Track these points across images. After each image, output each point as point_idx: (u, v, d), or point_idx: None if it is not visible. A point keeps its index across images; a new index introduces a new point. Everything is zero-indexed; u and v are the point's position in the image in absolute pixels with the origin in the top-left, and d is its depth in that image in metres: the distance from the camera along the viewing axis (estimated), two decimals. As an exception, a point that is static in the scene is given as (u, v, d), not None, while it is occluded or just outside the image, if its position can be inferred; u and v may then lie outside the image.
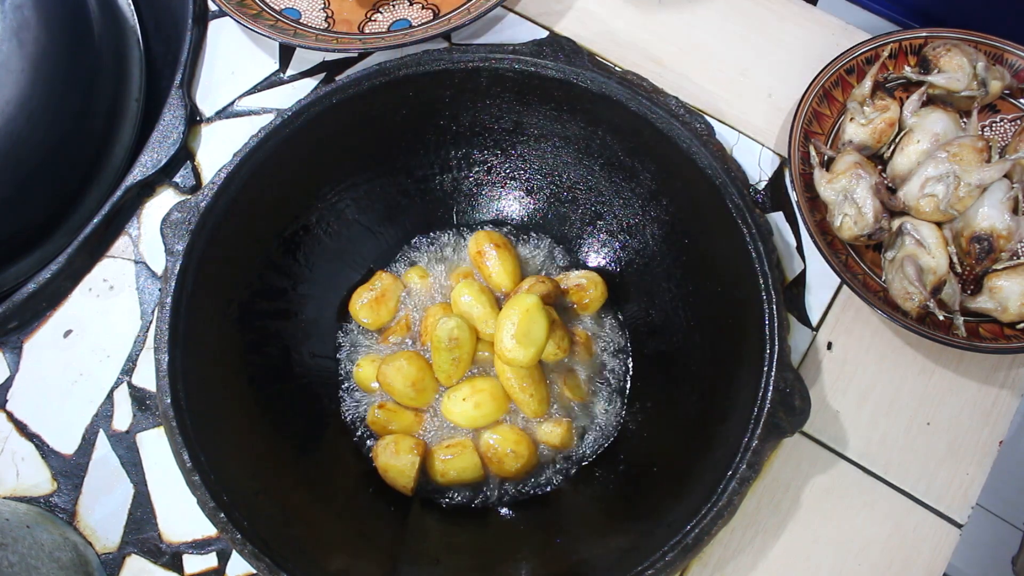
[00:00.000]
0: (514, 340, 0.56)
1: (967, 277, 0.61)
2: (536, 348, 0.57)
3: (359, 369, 0.63)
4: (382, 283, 0.65)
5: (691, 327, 0.61)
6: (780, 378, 0.53)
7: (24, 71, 0.61)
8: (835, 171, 0.62)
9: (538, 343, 0.57)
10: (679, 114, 0.63)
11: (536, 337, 0.57)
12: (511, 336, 0.56)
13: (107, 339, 0.64)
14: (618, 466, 0.60)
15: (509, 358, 0.57)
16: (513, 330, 0.56)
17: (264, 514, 0.52)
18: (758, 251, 0.55)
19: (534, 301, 0.57)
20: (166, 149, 0.65)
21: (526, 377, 0.59)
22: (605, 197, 0.65)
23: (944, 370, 0.62)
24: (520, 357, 0.57)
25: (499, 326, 0.57)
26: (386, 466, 0.59)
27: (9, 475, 0.61)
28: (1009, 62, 0.65)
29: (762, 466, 0.52)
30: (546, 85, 0.61)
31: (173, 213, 0.57)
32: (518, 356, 0.56)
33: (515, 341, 0.56)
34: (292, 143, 0.59)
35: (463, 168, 0.67)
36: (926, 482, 0.59)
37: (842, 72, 0.66)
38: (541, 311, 0.57)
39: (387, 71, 0.60)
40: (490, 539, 0.59)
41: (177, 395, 0.52)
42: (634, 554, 0.51)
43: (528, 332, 0.57)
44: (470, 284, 0.62)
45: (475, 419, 0.60)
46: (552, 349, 0.60)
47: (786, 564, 0.58)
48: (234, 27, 0.73)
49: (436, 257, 0.67)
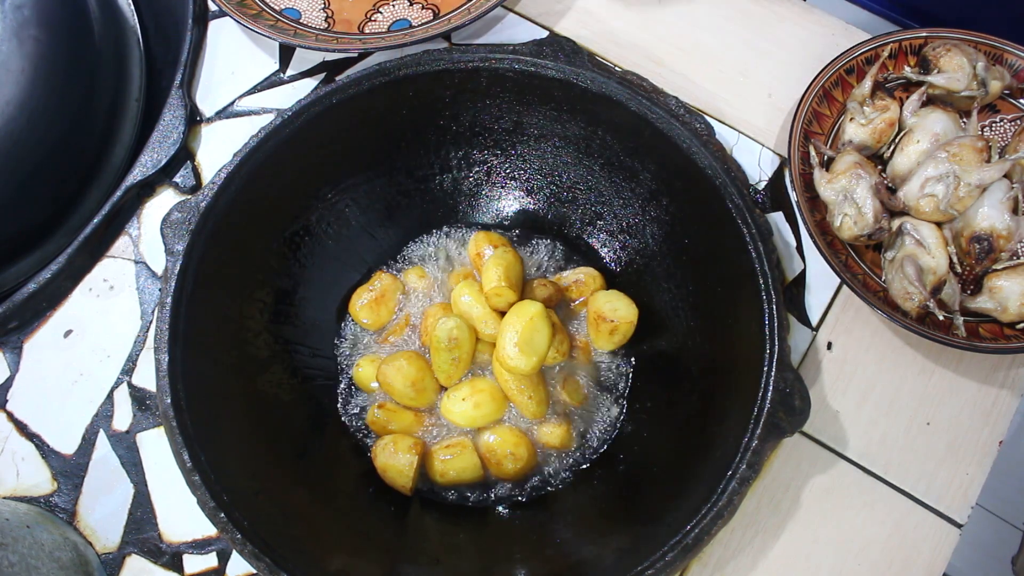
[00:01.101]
0: (516, 348, 0.56)
1: (967, 277, 0.61)
2: (538, 357, 0.57)
3: (359, 369, 0.63)
4: (382, 283, 0.65)
5: (691, 327, 0.61)
6: (780, 378, 0.53)
7: (24, 71, 0.61)
8: (835, 171, 0.62)
9: (540, 352, 0.57)
10: (679, 114, 0.63)
11: (538, 346, 0.57)
12: (513, 344, 0.56)
13: (107, 339, 0.64)
14: (618, 466, 0.60)
15: (511, 366, 0.57)
16: (516, 338, 0.56)
17: (264, 514, 0.52)
18: (758, 251, 0.55)
19: (538, 309, 0.57)
20: (166, 149, 0.65)
21: (525, 379, 0.59)
22: (605, 197, 0.65)
23: (944, 370, 0.62)
24: (522, 365, 0.57)
25: (502, 332, 0.57)
26: (385, 466, 0.59)
27: (9, 475, 0.61)
28: (1009, 62, 0.65)
29: (762, 466, 0.52)
30: (546, 85, 0.61)
31: (173, 213, 0.57)
32: (520, 364, 0.57)
33: (517, 349, 0.56)
34: (292, 143, 0.59)
35: (463, 168, 0.67)
36: (926, 482, 0.59)
37: (842, 72, 0.66)
38: (545, 319, 0.57)
39: (387, 71, 0.60)
40: (490, 539, 0.59)
41: (177, 395, 0.52)
42: (634, 554, 0.51)
43: (530, 340, 0.57)
44: (470, 284, 0.62)
45: (475, 419, 0.60)
46: (551, 353, 0.60)
47: (786, 564, 0.58)
48: (234, 27, 0.73)
49: (436, 257, 0.67)
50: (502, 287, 0.59)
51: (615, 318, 0.60)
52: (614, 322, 0.60)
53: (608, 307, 0.61)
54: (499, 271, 0.59)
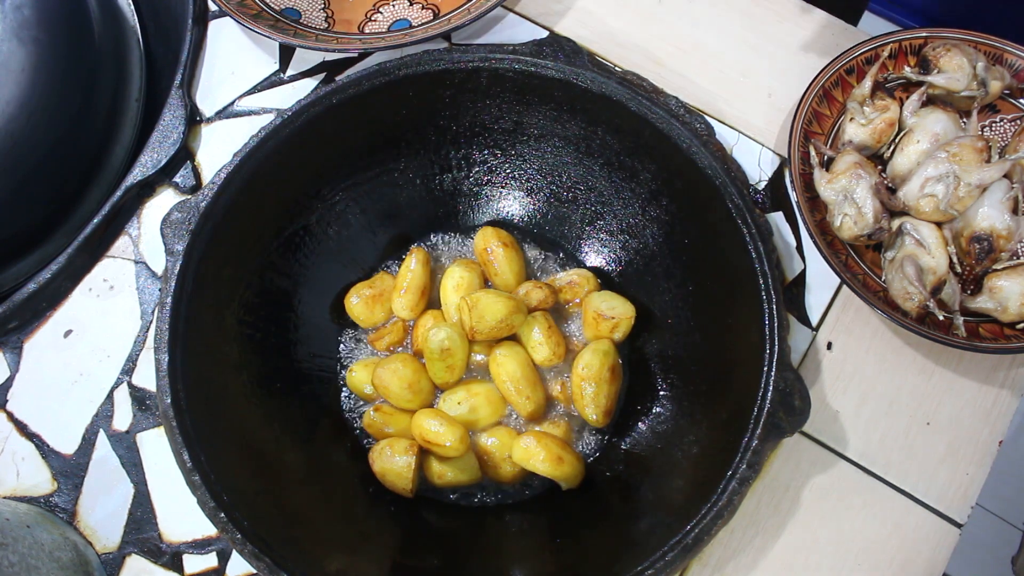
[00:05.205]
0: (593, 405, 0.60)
1: (967, 277, 0.61)
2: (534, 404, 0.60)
3: (352, 373, 0.63)
4: (381, 283, 0.65)
5: (691, 327, 0.61)
6: (780, 378, 0.53)
7: (24, 71, 0.61)
8: (835, 171, 0.62)
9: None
10: (679, 114, 0.63)
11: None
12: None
13: (107, 339, 0.64)
14: (617, 466, 0.60)
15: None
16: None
17: (264, 514, 0.52)
18: (758, 251, 0.55)
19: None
20: (166, 149, 0.65)
21: (521, 380, 0.59)
22: (605, 197, 0.65)
23: (944, 370, 0.62)
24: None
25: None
26: (384, 470, 0.58)
27: (9, 475, 0.61)
28: (1009, 62, 0.65)
29: (762, 466, 0.52)
30: (546, 85, 0.61)
31: (173, 213, 0.57)
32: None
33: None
34: (292, 143, 0.59)
35: (463, 168, 0.67)
36: (926, 482, 0.59)
37: (842, 72, 0.65)
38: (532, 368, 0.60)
39: (387, 71, 0.60)
40: (490, 539, 0.59)
41: (177, 395, 0.52)
42: (634, 554, 0.51)
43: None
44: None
45: (472, 422, 0.60)
46: (547, 354, 0.60)
47: (786, 564, 0.58)
48: (234, 27, 0.73)
49: (435, 258, 0.67)
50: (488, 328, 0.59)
51: (615, 315, 0.60)
52: (614, 319, 0.60)
53: (605, 306, 0.61)
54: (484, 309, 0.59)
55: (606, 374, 0.59)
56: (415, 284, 0.63)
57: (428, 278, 0.64)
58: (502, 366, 0.60)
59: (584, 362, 0.59)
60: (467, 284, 0.62)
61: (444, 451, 0.57)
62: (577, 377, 0.59)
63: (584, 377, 0.59)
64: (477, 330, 0.58)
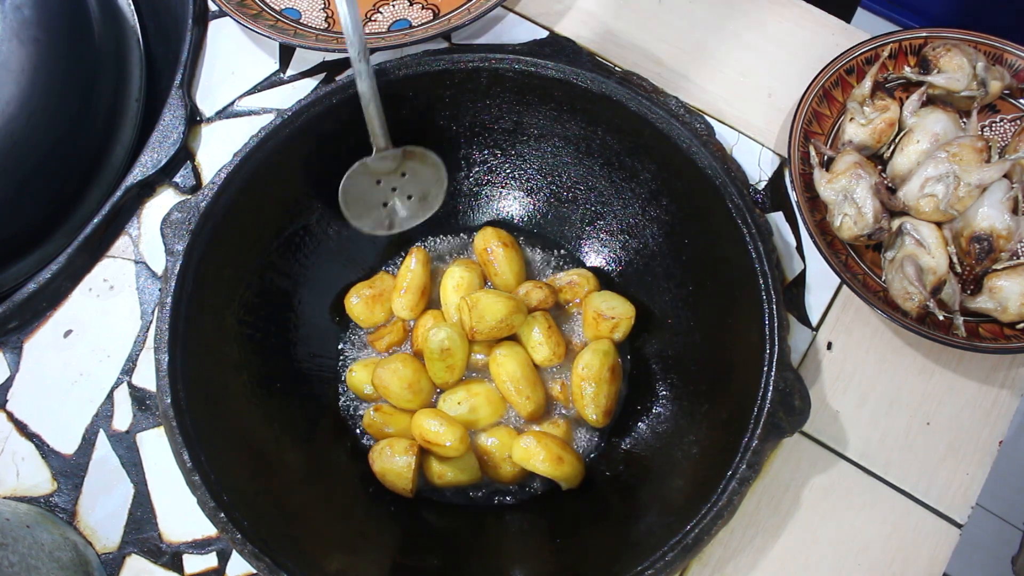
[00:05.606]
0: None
1: (967, 277, 0.61)
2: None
3: (352, 374, 0.63)
4: (381, 283, 0.65)
5: (691, 327, 0.61)
6: (780, 378, 0.53)
7: (24, 71, 0.61)
8: (835, 171, 0.62)
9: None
10: (679, 114, 0.63)
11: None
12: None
13: (107, 339, 0.64)
14: (617, 466, 0.60)
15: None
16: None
17: (264, 514, 0.52)
18: (758, 251, 0.55)
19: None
20: (166, 149, 0.65)
21: (521, 380, 0.59)
22: (605, 197, 0.65)
23: (944, 370, 0.62)
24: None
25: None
26: (384, 470, 0.58)
27: (9, 475, 0.61)
28: (1009, 62, 0.65)
29: (762, 466, 0.52)
30: (546, 85, 0.61)
31: (173, 213, 0.57)
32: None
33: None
34: (292, 143, 0.59)
35: (463, 168, 0.67)
36: (926, 482, 0.59)
37: (842, 72, 0.66)
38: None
39: (387, 71, 0.60)
40: (490, 539, 0.59)
41: (177, 395, 0.52)
42: (634, 554, 0.51)
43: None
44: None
45: (472, 422, 0.60)
46: (547, 354, 0.60)
47: (786, 564, 0.58)
48: (234, 27, 0.73)
49: (435, 258, 0.67)
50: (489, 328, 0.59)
51: (615, 315, 0.60)
52: (614, 319, 0.60)
53: (605, 306, 0.61)
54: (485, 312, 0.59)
55: (606, 374, 0.59)
56: (415, 284, 0.63)
57: (428, 278, 0.64)
58: (502, 366, 0.60)
59: (584, 362, 0.59)
60: (467, 284, 0.62)
61: (444, 451, 0.57)
62: (577, 377, 0.59)
63: (584, 377, 0.59)
64: (477, 330, 0.58)
